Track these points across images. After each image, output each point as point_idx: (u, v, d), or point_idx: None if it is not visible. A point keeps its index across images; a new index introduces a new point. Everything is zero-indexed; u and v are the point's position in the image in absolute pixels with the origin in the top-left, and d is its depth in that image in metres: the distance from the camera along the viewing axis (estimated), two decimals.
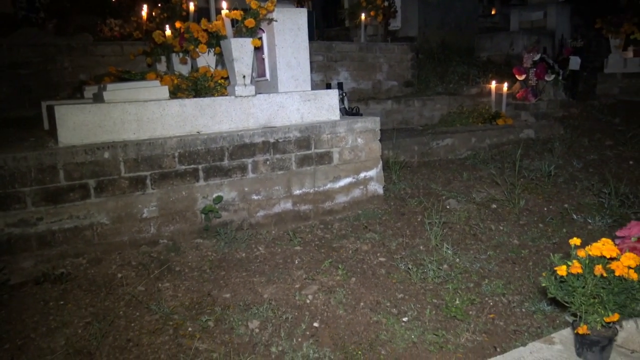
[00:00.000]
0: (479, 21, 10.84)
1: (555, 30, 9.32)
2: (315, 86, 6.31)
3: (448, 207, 4.18)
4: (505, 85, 7.15)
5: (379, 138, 4.20)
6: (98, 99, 3.60)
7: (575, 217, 3.89)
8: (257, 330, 2.51)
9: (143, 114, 3.36)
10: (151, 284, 2.89)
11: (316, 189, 3.92)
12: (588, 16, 9.56)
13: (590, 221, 3.79)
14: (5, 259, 2.91)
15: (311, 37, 4.22)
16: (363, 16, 8.41)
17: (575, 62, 7.62)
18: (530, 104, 7.42)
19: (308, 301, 2.78)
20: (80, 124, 3.19)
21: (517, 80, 7.70)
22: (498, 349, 2.39)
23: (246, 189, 3.64)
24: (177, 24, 4.21)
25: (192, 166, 3.43)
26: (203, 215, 3.47)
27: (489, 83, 7.50)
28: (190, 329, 2.50)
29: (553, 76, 7.43)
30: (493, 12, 12.11)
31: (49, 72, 5.93)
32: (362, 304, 2.77)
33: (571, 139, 6.20)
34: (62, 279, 2.87)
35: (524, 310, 2.72)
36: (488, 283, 2.98)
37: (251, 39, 3.64)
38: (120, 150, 3.19)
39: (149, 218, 3.31)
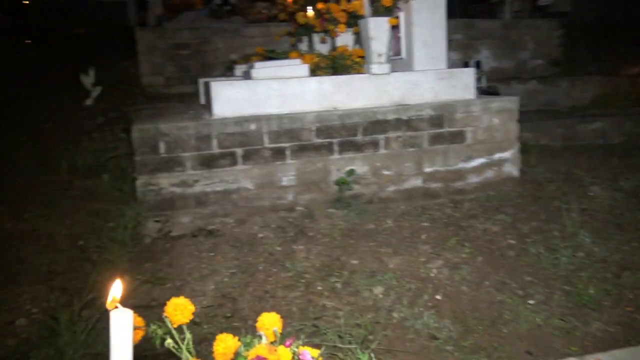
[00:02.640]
0: None
1: None
2: (452, 65, 6.19)
3: (590, 194, 3.92)
4: None
5: (516, 119, 4.05)
6: (246, 76, 3.96)
7: None
8: (380, 296, 2.65)
9: (285, 90, 3.64)
10: (287, 245, 3.18)
11: (447, 167, 3.92)
12: None
13: None
14: (168, 214, 3.38)
15: (451, 14, 4.16)
16: None
17: None
18: None
19: (432, 274, 2.85)
20: (231, 98, 3.55)
21: None
22: (632, 343, 2.26)
23: (377, 164, 3.77)
24: (319, 5, 4.42)
25: (328, 140, 3.64)
26: (336, 187, 3.68)
27: None
28: (319, 287, 2.72)
29: None
30: None
31: (204, 52, 6.58)
32: (486, 282, 2.77)
33: None
34: (213, 234, 3.28)
35: None
36: (629, 275, 2.79)
37: (388, 18, 3.72)
38: (264, 123, 3.50)
39: (288, 186, 3.60)
